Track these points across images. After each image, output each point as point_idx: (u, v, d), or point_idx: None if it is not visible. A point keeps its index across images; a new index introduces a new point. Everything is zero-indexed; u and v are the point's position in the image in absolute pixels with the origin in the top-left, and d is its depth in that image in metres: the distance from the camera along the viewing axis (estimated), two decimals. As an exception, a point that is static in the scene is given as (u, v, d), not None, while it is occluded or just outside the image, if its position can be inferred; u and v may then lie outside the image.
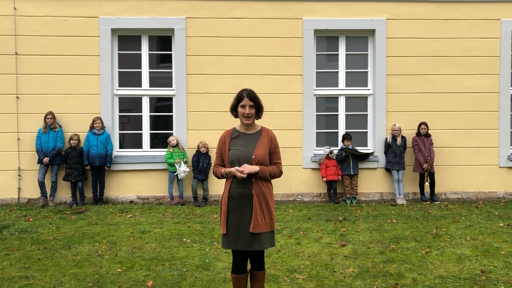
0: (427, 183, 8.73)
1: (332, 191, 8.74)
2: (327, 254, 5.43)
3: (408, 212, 7.79)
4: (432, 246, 5.70)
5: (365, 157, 8.87)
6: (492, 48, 9.01)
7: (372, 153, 8.98)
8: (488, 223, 6.96)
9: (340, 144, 9.07)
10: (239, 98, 3.59)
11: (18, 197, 8.64)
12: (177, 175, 8.50)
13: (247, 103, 3.54)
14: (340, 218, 7.31)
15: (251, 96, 3.55)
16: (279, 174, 3.61)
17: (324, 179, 8.68)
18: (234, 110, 3.67)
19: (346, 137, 8.83)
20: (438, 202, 8.68)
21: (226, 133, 3.72)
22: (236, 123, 3.82)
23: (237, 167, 3.44)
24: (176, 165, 8.46)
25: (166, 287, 4.41)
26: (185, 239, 6.08)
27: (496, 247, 5.64)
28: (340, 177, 8.76)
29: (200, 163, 8.52)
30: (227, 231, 3.49)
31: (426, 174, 8.70)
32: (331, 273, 4.79)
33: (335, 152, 8.85)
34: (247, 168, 3.41)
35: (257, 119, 3.65)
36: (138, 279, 4.63)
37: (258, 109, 3.59)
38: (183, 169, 8.45)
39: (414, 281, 4.53)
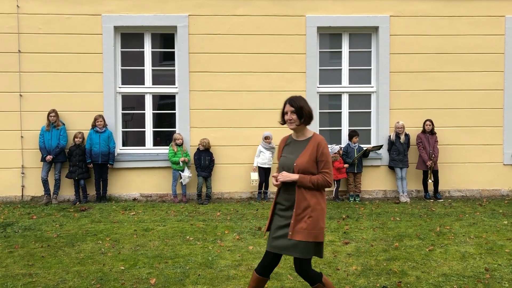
0: (430, 181, 8.70)
1: (336, 188, 8.72)
2: (330, 252, 5.42)
3: (412, 210, 7.76)
4: (435, 244, 5.67)
5: (378, 148, 8.82)
6: (496, 45, 8.96)
7: (381, 146, 8.88)
8: (492, 221, 6.93)
9: (345, 142, 9.05)
10: (283, 104, 3.58)
11: (22, 195, 8.66)
12: (181, 181, 8.52)
13: (288, 109, 3.51)
14: (344, 216, 7.29)
15: (291, 101, 3.52)
16: (324, 183, 3.39)
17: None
18: (282, 116, 3.62)
19: (353, 134, 8.78)
20: (442, 200, 8.65)
21: (282, 140, 3.70)
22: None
23: (273, 174, 3.52)
24: (180, 163, 8.46)
25: (169, 284, 4.41)
26: (188, 237, 6.08)
27: (500, 245, 5.62)
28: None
29: (202, 161, 8.51)
30: (269, 231, 3.53)
31: (430, 172, 8.67)
32: (334, 271, 4.78)
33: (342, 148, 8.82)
34: (283, 177, 3.39)
35: (304, 125, 3.52)
36: (141, 276, 4.63)
37: (300, 114, 3.47)
38: (187, 175, 8.46)
39: (417, 279, 4.51)
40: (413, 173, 8.94)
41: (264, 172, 8.60)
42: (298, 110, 3.47)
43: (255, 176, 8.54)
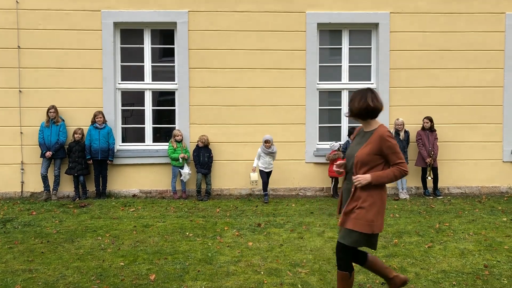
0: (429, 178, 8.71)
1: (335, 185, 8.73)
2: (329, 248, 5.43)
3: (411, 207, 7.77)
4: (435, 241, 5.69)
5: None
6: (496, 42, 8.95)
7: None
8: (491, 217, 6.94)
9: (344, 139, 9.06)
10: None
11: (21, 191, 8.67)
12: (182, 178, 8.52)
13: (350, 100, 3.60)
14: (343, 213, 7.29)
15: (353, 93, 3.59)
16: (402, 174, 3.44)
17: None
18: None
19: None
20: (441, 197, 8.67)
21: (357, 129, 3.73)
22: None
23: (336, 163, 3.70)
24: (180, 159, 8.46)
25: (169, 280, 4.42)
26: (187, 233, 6.09)
27: (499, 242, 5.63)
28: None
29: (201, 157, 8.51)
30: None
31: (429, 169, 8.68)
32: (334, 267, 4.78)
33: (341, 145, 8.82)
34: (358, 181, 3.39)
35: (369, 119, 3.53)
36: (140, 272, 4.64)
37: (355, 108, 3.52)
38: (187, 171, 8.46)
39: (416, 276, 4.52)
40: (412, 170, 8.94)
41: (266, 175, 8.39)
42: (351, 104, 3.56)
43: (255, 176, 8.25)
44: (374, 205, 3.41)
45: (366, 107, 3.48)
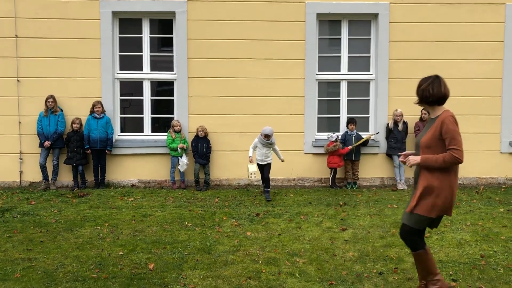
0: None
1: (333, 176, 8.75)
2: (327, 238, 5.46)
3: (409, 197, 7.79)
4: (432, 231, 5.72)
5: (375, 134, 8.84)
6: (496, 33, 8.92)
7: (378, 132, 8.90)
8: (488, 208, 6.98)
9: (343, 130, 9.07)
10: None
11: (20, 180, 8.67)
12: (179, 168, 8.52)
13: None
14: (341, 203, 7.33)
15: (419, 81, 3.73)
16: (452, 160, 3.44)
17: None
18: None
19: (350, 121, 8.81)
20: (439, 188, 8.68)
21: (428, 116, 3.88)
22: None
23: (402, 153, 3.85)
24: (179, 149, 8.46)
25: (168, 269, 4.45)
26: (186, 223, 6.11)
27: (496, 232, 5.67)
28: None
29: (199, 148, 8.51)
30: None
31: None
32: (331, 257, 4.82)
33: (339, 137, 8.83)
34: (409, 161, 3.61)
35: (436, 105, 3.69)
36: (139, 261, 4.67)
37: (421, 95, 3.68)
38: (186, 161, 8.46)
39: (414, 265, 4.55)
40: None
41: (263, 169, 7.78)
42: (417, 90, 3.69)
43: (253, 168, 7.72)
44: (438, 189, 3.50)
45: (434, 93, 3.62)
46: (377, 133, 8.89)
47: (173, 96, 8.99)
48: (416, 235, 3.66)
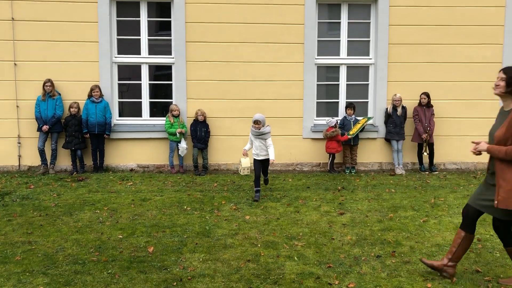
0: (425, 153, 8.75)
1: (332, 161, 8.76)
2: (325, 222, 5.50)
3: (407, 182, 7.84)
4: (429, 215, 5.76)
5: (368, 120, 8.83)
6: (496, 17, 8.87)
7: (371, 117, 8.91)
8: (485, 193, 7.00)
9: (342, 115, 9.06)
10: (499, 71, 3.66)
11: (19, 165, 8.67)
12: (179, 153, 8.51)
13: (500, 75, 3.60)
14: (339, 187, 7.36)
15: (506, 69, 3.59)
16: (509, 153, 3.45)
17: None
18: None
19: (349, 106, 8.79)
20: (437, 172, 8.73)
21: (501, 107, 3.75)
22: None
23: (473, 141, 3.84)
24: (177, 134, 8.45)
25: (167, 253, 4.48)
26: (185, 207, 6.14)
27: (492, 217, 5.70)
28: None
29: (198, 132, 8.50)
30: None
31: (425, 145, 8.71)
32: (330, 240, 4.86)
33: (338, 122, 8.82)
34: (478, 147, 3.70)
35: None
36: (139, 245, 4.70)
37: (509, 83, 3.53)
38: (185, 146, 8.45)
39: (411, 249, 4.60)
40: (408, 146, 8.98)
41: (258, 165, 6.73)
42: (509, 79, 3.52)
43: (246, 162, 6.84)
44: (507, 181, 3.49)
45: None
46: (370, 118, 8.86)
47: (171, 80, 8.94)
48: (508, 227, 3.78)
